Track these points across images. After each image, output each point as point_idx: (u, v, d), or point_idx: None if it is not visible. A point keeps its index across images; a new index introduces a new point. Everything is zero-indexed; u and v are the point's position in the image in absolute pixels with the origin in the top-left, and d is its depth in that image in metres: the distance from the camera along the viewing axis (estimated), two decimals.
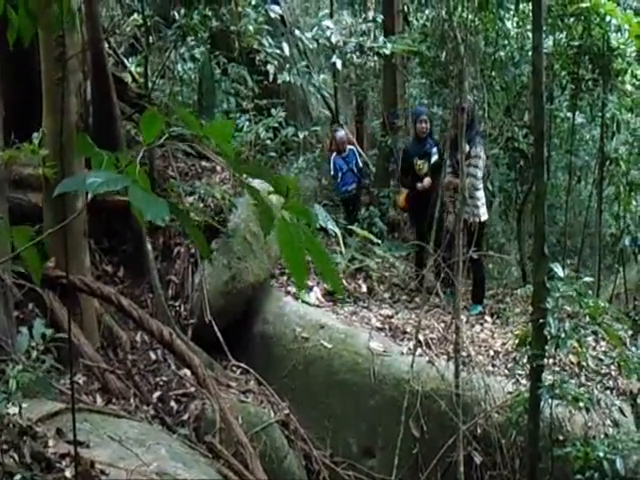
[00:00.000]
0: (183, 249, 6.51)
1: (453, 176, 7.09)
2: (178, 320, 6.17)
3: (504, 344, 6.54)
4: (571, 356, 5.94)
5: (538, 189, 4.58)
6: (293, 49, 10.73)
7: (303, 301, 6.73)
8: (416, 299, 7.32)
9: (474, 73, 8.18)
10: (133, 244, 6.25)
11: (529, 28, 7.73)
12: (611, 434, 5.37)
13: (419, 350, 6.06)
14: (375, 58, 10.96)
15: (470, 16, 7.17)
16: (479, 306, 7.31)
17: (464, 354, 5.94)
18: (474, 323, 7.00)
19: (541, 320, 4.49)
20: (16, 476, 3.01)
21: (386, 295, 7.57)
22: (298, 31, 10.45)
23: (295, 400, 6.11)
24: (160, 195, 1.71)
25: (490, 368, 6.13)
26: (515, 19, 8.81)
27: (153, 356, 5.66)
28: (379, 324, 6.67)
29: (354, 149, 10.08)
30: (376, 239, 8.37)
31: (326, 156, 11.15)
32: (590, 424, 5.51)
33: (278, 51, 9.35)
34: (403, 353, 6.14)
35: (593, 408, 5.46)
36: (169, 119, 1.86)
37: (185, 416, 5.21)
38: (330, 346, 6.24)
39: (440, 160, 7.72)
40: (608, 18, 7.48)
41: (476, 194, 7.02)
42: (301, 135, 9.89)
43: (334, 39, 9.70)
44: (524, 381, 5.72)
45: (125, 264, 6.29)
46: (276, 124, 9.11)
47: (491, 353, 6.40)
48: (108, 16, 10.53)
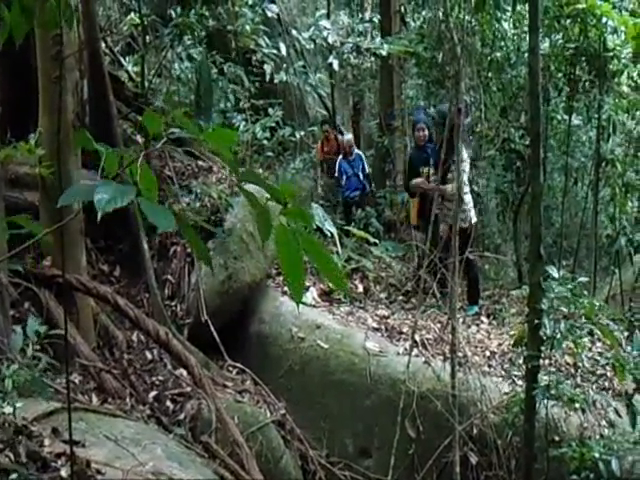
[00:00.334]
0: (179, 248, 6.51)
1: (440, 183, 7.12)
2: (174, 320, 6.16)
3: (500, 345, 6.56)
4: (567, 357, 5.95)
5: (534, 190, 4.58)
6: (290, 49, 10.74)
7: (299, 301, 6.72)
8: (412, 299, 7.33)
9: (471, 74, 8.19)
10: (129, 243, 6.24)
11: (526, 29, 7.76)
12: (607, 435, 5.38)
13: (415, 350, 6.06)
14: (372, 59, 10.99)
15: (467, 17, 7.18)
16: (475, 307, 7.33)
17: (460, 355, 5.94)
18: (470, 324, 7.02)
19: (537, 321, 4.49)
20: (12, 475, 3.00)
21: (382, 295, 7.58)
22: (295, 31, 10.47)
23: (291, 400, 6.11)
24: (158, 196, 1.73)
25: (486, 369, 6.13)
26: (512, 20, 8.83)
27: (149, 356, 5.65)
28: (375, 324, 6.67)
29: (361, 154, 10.09)
30: (373, 239, 8.39)
31: (318, 160, 11.16)
32: (586, 425, 5.52)
33: (275, 51, 9.37)
34: (399, 353, 6.14)
35: (589, 409, 5.47)
36: (166, 119, 1.86)
37: (181, 416, 5.20)
38: (326, 346, 6.24)
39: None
40: (604, 20, 7.51)
41: (464, 198, 7.02)
42: (298, 135, 9.91)
43: (331, 39, 9.72)
44: (520, 382, 5.72)
45: (121, 263, 6.28)
46: (273, 124, 9.13)
47: (487, 354, 6.41)
48: (105, 15, 10.53)
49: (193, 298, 6.25)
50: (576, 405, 5.02)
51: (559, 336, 4.65)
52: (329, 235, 7.68)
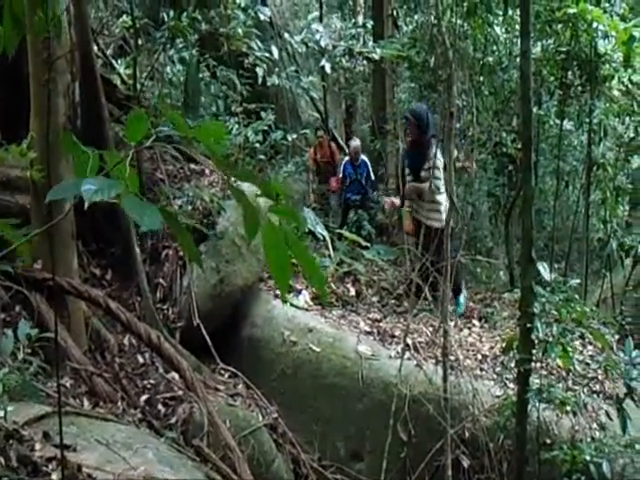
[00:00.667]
0: (171, 252, 6.49)
1: (416, 182, 7.14)
2: (166, 323, 6.14)
3: (492, 348, 6.57)
4: (558, 360, 5.97)
5: (526, 194, 4.59)
6: (282, 52, 10.75)
7: (292, 304, 6.72)
8: (404, 303, 7.33)
9: (463, 78, 8.22)
10: (121, 247, 6.22)
11: (517, 34, 7.79)
12: (598, 437, 5.39)
13: (407, 354, 6.06)
14: (364, 62, 11.00)
15: (459, 21, 7.22)
16: (461, 301, 7.28)
17: (452, 358, 5.95)
18: (462, 327, 7.02)
19: (528, 324, 4.51)
20: (2, 479, 2.99)
21: (374, 299, 7.58)
22: (287, 34, 10.48)
23: (283, 404, 6.10)
24: (149, 199, 1.72)
25: (478, 372, 6.15)
26: (503, 25, 8.87)
27: (141, 359, 5.63)
28: (367, 328, 6.67)
29: (367, 160, 10.13)
30: (364, 242, 8.40)
31: (311, 164, 11.18)
32: (577, 428, 5.53)
33: (267, 54, 9.37)
34: (391, 357, 6.15)
35: (580, 412, 5.49)
36: (158, 121, 1.85)
37: (173, 419, 5.18)
38: (318, 350, 6.23)
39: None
40: (595, 25, 7.55)
41: (437, 198, 7.03)
42: (290, 138, 9.91)
43: (323, 43, 9.74)
44: (511, 385, 5.73)
45: (113, 267, 6.26)
46: (265, 127, 9.12)
47: (479, 357, 6.42)
48: (97, 17, 10.51)
49: (185, 301, 6.24)
50: (567, 408, 5.04)
51: (551, 339, 4.68)
52: (321, 238, 7.69)
